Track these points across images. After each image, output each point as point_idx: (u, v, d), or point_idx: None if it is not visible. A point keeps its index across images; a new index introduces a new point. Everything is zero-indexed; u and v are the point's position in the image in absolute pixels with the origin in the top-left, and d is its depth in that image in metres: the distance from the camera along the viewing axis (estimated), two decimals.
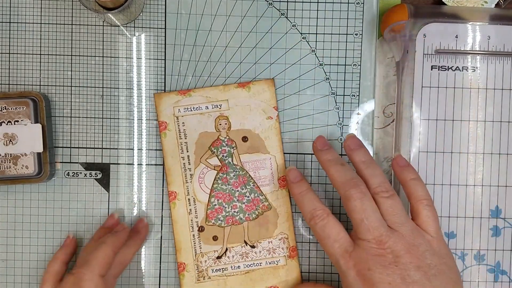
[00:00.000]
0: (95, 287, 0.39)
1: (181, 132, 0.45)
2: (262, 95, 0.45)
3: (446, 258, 0.39)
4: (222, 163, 0.45)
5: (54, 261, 0.43)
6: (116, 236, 0.42)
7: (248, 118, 0.45)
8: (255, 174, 0.45)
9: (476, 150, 0.44)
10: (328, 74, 0.46)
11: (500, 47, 0.44)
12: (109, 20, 0.45)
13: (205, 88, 0.45)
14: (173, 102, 0.45)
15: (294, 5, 0.46)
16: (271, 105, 0.45)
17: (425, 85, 0.44)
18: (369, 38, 0.46)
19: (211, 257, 0.45)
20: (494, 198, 0.45)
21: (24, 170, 0.44)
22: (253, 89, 0.45)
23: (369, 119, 0.46)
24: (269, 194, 0.45)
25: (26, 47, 0.46)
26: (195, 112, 0.45)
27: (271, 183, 0.45)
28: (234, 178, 0.45)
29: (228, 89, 0.45)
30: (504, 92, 0.44)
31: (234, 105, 0.45)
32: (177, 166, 0.45)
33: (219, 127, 0.45)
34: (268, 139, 0.45)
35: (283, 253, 0.45)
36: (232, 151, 0.45)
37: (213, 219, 0.45)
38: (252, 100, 0.45)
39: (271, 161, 0.45)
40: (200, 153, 0.45)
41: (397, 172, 0.42)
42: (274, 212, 0.45)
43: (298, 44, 0.46)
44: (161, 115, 0.45)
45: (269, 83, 0.45)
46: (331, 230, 0.39)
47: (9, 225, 0.46)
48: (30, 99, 0.44)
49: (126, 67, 0.46)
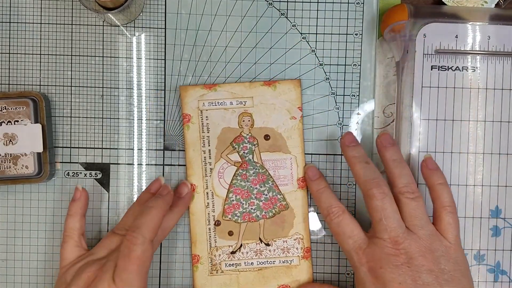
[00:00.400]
0: (146, 252, 0.37)
1: (204, 126, 0.45)
2: (288, 94, 0.45)
3: (461, 265, 0.39)
4: (242, 159, 0.45)
5: (72, 217, 0.43)
6: (162, 199, 0.41)
7: (271, 117, 0.45)
8: (274, 173, 0.45)
9: (476, 150, 0.44)
10: (328, 74, 0.46)
11: (500, 47, 0.44)
12: (109, 20, 0.45)
13: (231, 84, 0.45)
14: (198, 95, 0.45)
15: (294, 5, 0.46)
16: (295, 105, 0.45)
17: (425, 85, 0.44)
18: (369, 38, 0.46)
19: (226, 251, 0.45)
20: (494, 198, 0.45)
21: (24, 170, 0.44)
22: (279, 88, 0.45)
23: (369, 119, 0.46)
24: (287, 194, 0.45)
25: (26, 47, 0.46)
26: (220, 107, 0.45)
27: (290, 183, 0.45)
28: (253, 175, 0.45)
29: (254, 86, 0.45)
30: (504, 92, 0.44)
31: (259, 103, 0.45)
32: (197, 159, 0.45)
33: (242, 123, 0.45)
34: (290, 139, 0.45)
35: (297, 253, 0.45)
36: (253, 149, 0.45)
37: (230, 215, 0.45)
38: (277, 99, 0.45)
39: (292, 161, 0.45)
40: (222, 148, 0.45)
41: (425, 174, 0.42)
42: (291, 212, 0.45)
43: (298, 44, 0.46)
44: (186, 108, 0.45)
45: (295, 84, 0.45)
46: (346, 227, 0.40)
47: (9, 225, 0.46)
48: (30, 99, 0.44)
49: (126, 67, 0.46)
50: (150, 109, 0.46)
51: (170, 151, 0.46)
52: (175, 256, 0.46)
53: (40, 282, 0.46)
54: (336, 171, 0.46)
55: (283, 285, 0.45)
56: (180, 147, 0.46)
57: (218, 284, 0.45)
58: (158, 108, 0.46)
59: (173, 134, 0.46)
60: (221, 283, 0.45)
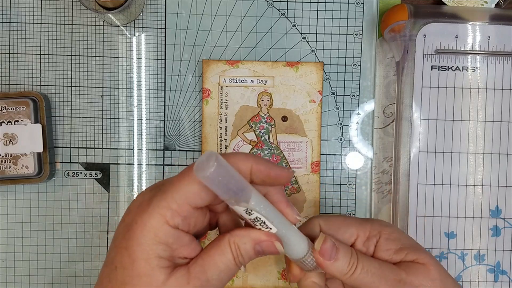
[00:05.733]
0: None
1: (223, 102, 0.45)
2: (309, 76, 0.45)
3: None
4: (258, 139, 0.45)
5: None
6: None
7: (291, 98, 0.45)
8: (289, 155, 0.45)
9: (476, 150, 0.44)
10: (328, 74, 0.46)
11: (500, 47, 0.44)
12: (109, 20, 0.45)
13: (253, 62, 0.45)
14: (220, 71, 0.45)
15: (294, 5, 0.46)
16: (316, 89, 0.45)
17: (425, 85, 0.44)
18: (369, 38, 0.46)
19: None
20: (494, 198, 0.45)
21: (24, 170, 0.44)
22: (301, 70, 0.45)
23: (369, 119, 0.46)
24: (300, 177, 0.45)
25: (26, 47, 0.46)
26: (240, 84, 0.45)
27: (304, 167, 0.45)
28: (268, 155, 0.45)
29: (276, 66, 0.45)
30: (504, 92, 0.44)
31: (280, 83, 0.45)
32: (213, 135, 0.45)
33: (261, 103, 0.45)
34: (307, 122, 0.45)
35: None
36: (270, 129, 0.45)
37: None
38: (298, 80, 0.45)
39: (307, 144, 0.45)
40: (238, 125, 0.45)
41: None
42: (302, 195, 0.45)
43: (298, 44, 0.46)
44: (206, 82, 0.45)
45: (318, 66, 0.45)
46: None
47: (9, 225, 0.46)
48: (30, 99, 0.44)
49: (126, 67, 0.46)
50: (150, 109, 0.46)
51: (170, 151, 0.46)
52: None
53: (40, 282, 0.46)
54: (336, 171, 0.46)
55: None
56: (180, 147, 0.46)
57: None
58: (158, 108, 0.46)
59: (173, 134, 0.46)
60: None
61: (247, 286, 0.45)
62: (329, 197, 0.46)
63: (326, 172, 0.46)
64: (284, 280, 0.45)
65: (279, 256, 0.45)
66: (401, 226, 0.44)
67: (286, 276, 0.37)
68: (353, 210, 0.46)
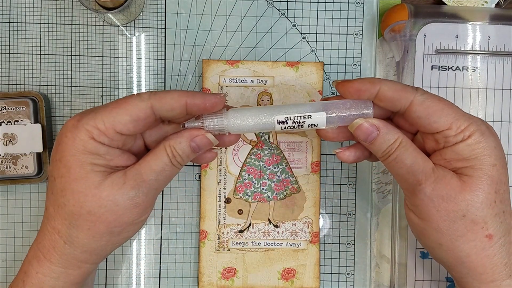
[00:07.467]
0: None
1: None
2: (309, 77, 0.45)
3: None
4: (258, 139, 0.45)
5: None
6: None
7: (291, 98, 0.45)
8: (289, 155, 0.45)
9: None
10: (328, 74, 0.46)
11: (500, 47, 0.44)
12: (109, 20, 0.45)
13: (253, 62, 0.45)
14: (220, 70, 0.45)
15: (294, 5, 0.46)
16: (316, 89, 0.45)
17: (425, 85, 0.44)
18: (369, 38, 0.46)
19: (234, 229, 0.45)
20: None
21: (24, 170, 0.44)
22: (301, 69, 0.45)
23: None
24: (300, 177, 0.45)
25: (26, 47, 0.46)
26: (240, 84, 0.45)
27: (304, 167, 0.45)
28: (267, 155, 0.45)
29: (276, 66, 0.45)
30: (504, 92, 0.44)
31: (280, 83, 0.45)
32: None
33: (261, 102, 0.45)
34: None
35: (305, 237, 0.45)
36: None
37: (241, 193, 0.45)
38: (298, 80, 0.45)
39: (307, 144, 0.45)
40: None
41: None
42: (302, 195, 0.45)
43: (298, 44, 0.46)
44: (206, 82, 0.45)
45: (318, 66, 0.45)
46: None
47: (9, 225, 0.46)
48: (30, 99, 0.44)
49: (126, 67, 0.46)
50: None
51: None
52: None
53: None
54: (336, 171, 0.46)
55: (288, 268, 0.45)
56: None
57: (223, 262, 0.45)
58: None
59: None
60: (227, 261, 0.45)
61: (247, 286, 0.45)
62: (329, 197, 0.46)
63: (326, 172, 0.46)
64: (284, 280, 0.45)
65: (279, 256, 0.45)
66: (401, 226, 0.44)
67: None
68: (353, 210, 0.46)
